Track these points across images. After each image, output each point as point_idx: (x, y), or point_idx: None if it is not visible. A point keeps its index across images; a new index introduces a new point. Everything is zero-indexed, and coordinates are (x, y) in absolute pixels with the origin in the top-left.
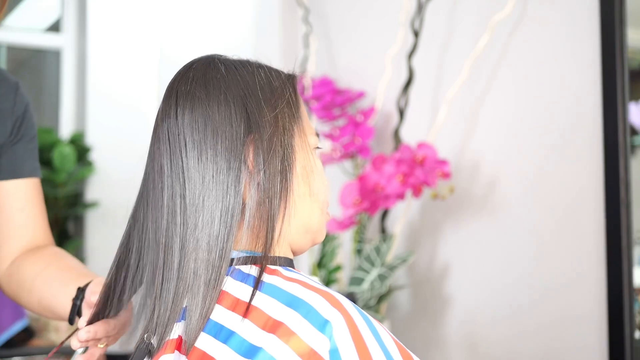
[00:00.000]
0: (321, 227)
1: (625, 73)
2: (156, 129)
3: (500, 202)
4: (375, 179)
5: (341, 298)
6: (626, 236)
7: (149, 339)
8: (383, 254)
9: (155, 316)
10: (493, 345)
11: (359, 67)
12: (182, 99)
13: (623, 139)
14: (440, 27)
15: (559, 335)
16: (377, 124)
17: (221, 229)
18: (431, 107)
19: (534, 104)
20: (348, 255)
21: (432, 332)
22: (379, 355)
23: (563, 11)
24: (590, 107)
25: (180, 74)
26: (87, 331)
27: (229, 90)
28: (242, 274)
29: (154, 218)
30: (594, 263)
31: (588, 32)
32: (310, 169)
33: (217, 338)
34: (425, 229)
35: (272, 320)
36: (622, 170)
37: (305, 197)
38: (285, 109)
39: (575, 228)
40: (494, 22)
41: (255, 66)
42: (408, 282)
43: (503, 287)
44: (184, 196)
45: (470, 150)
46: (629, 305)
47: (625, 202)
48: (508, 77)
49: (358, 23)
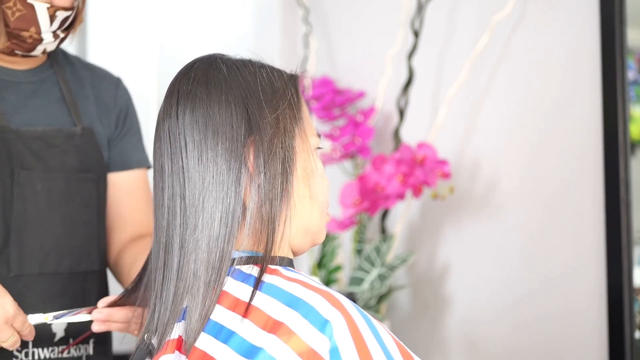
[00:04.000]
0: (321, 228)
1: (625, 73)
2: (157, 128)
3: (500, 202)
4: (375, 179)
5: (341, 298)
6: (626, 236)
7: (149, 339)
8: (383, 254)
9: (155, 316)
10: (493, 345)
11: (359, 67)
12: (183, 98)
13: (623, 139)
14: (440, 27)
15: (559, 335)
16: (377, 124)
17: (221, 230)
18: (431, 107)
19: (533, 104)
20: (348, 255)
21: (432, 332)
22: (379, 355)
23: (563, 11)
24: (590, 107)
25: (181, 74)
26: (99, 312)
27: (230, 90)
28: (242, 274)
29: (155, 217)
30: (594, 263)
31: (588, 32)
32: (310, 170)
33: (217, 338)
34: (425, 229)
35: (272, 320)
36: (622, 170)
37: (305, 199)
38: (287, 110)
39: (575, 228)
40: (494, 22)
41: (258, 66)
42: (408, 282)
43: (503, 287)
44: (184, 196)
45: (470, 150)
46: (629, 305)
47: (625, 202)
48: (508, 77)
49: (358, 23)
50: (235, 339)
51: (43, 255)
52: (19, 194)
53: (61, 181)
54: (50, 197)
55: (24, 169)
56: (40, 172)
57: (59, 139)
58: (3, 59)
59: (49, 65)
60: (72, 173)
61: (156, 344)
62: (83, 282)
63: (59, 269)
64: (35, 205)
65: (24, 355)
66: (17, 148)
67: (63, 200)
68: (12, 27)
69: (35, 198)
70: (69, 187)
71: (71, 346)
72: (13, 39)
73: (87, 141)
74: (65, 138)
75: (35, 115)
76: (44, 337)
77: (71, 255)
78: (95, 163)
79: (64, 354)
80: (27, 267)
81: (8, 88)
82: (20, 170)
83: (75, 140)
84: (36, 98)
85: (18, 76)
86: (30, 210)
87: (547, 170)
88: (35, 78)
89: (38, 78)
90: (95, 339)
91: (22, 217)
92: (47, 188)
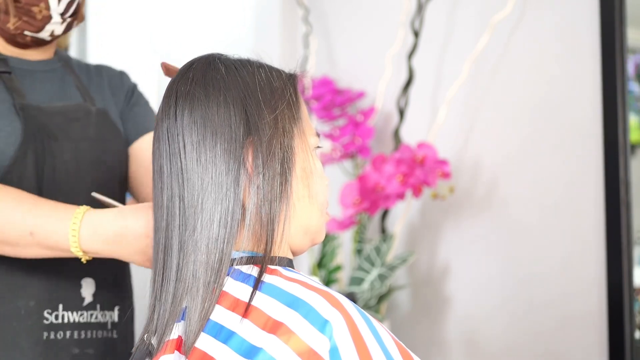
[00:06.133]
0: (320, 228)
1: (625, 73)
2: (156, 128)
3: (500, 202)
4: (375, 179)
5: (341, 298)
6: (626, 236)
7: (149, 339)
8: (383, 254)
9: (155, 316)
10: (493, 345)
11: (359, 67)
12: (182, 99)
13: (623, 139)
14: (440, 27)
15: (559, 335)
16: (377, 124)
17: (220, 231)
18: (431, 107)
19: (533, 104)
20: (348, 255)
21: (432, 332)
22: (379, 355)
23: (563, 11)
24: (590, 107)
25: (180, 74)
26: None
27: (228, 91)
28: (242, 275)
29: (154, 218)
30: (594, 263)
31: (588, 32)
32: (309, 170)
33: (217, 338)
34: (425, 229)
35: (272, 321)
36: (622, 170)
37: (304, 199)
38: (286, 110)
39: (575, 228)
40: (494, 22)
41: (256, 66)
42: (408, 282)
43: (503, 286)
44: (182, 198)
45: (470, 150)
46: (629, 305)
47: (625, 202)
48: (508, 77)
49: (358, 23)
50: (235, 339)
51: None
52: (49, 163)
53: (87, 151)
54: (79, 165)
55: (52, 139)
56: (66, 142)
57: (79, 114)
58: (14, 52)
59: (57, 60)
60: (95, 143)
61: (156, 344)
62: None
63: None
64: (66, 172)
65: (54, 317)
66: (43, 121)
67: (89, 168)
68: (23, 1)
69: (65, 166)
70: (95, 156)
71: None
72: (24, 16)
73: (103, 119)
74: (84, 113)
75: (52, 97)
76: (73, 301)
77: None
78: (114, 137)
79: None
80: None
81: (24, 74)
82: (49, 140)
83: (92, 117)
84: (52, 84)
85: (32, 65)
86: (61, 178)
87: (547, 170)
88: (47, 67)
89: (50, 68)
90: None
91: (53, 186)
92: (74, 157)
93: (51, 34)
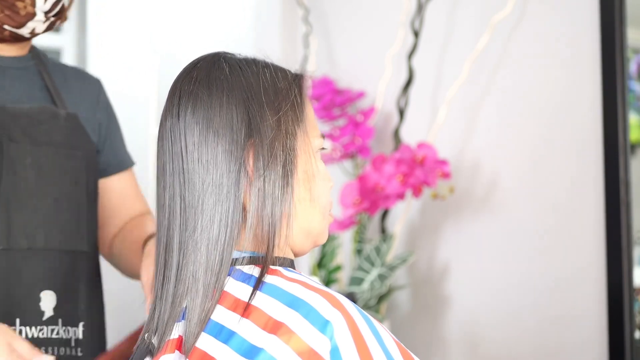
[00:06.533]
0: (322, 231)
1: (625, 73)
2: (160, 127)
3: (500, 201)
4: (375, 179)
5: (342, 298)
6: (626, 236)
7: (150, 339)
8: (383, 254)
9: (155, 316)
10: (493, 345)
11: (359, 67)
12: (185, 98)
13: (623, 139)
14: (440, 27)
15: (559, 335)
16: (377, 124)
17: (220, 233)
18: (431, 107)
19: (533, 104)
20: (348, 255)
21: (432, 332)
22: (379, 356)
23: (563, 11)
24: (590, 107)
25: (184, 72)
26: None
27: (231, 92)
28: (243, 275)
29: (157, 216)
30: (594, 263)
31: (588, 32)
32: (311, 173)
33: (217, 338)
34: (425, 229)
35: (272, 321)
36: (622, 170)
37: (305, 202)
38: (289, 111)
39: (575, 228)
40: (494, 22)
41: (262, 66)
42: (408, 282)
43: (503, 286)
44: (183, 197)
45: (470, 150)
46: (629, 305)
47: (625, 202)
48: (508, 77)
49: (358, 23)
50: (236, 339)
51: (31, 229)
52: (8, 166)
53: (50, 156)
54: (40, 171)
55: (13, 142)
56: (29, 145)
57: (45, 116)
58: None
59: (31, 58)
60: (60, 148)
61: (156, 343)
62: (73, 262)
63: (48, 245)
64: (25, 179)
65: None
66: (5, 122)
67: (52, 175)
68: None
69: (25, 172)
70: (58, 163)
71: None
72: (6, 10)
73: (72, 124)
74: (50, 117)
75: (20, 97)
76: (31, 315)
77: (60, 231)
78: (83, 144)
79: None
80: (15, 241)
81: None
82: (9, 142)
83: (60, 120)
84: (21, 83)
85: (3, 60)
86: (19, 184)
87: (547, 170)
88: (20, 65)
89: (22, 65)
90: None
91: (11, 190)
92: (36, 162)
93: (32, 32)
